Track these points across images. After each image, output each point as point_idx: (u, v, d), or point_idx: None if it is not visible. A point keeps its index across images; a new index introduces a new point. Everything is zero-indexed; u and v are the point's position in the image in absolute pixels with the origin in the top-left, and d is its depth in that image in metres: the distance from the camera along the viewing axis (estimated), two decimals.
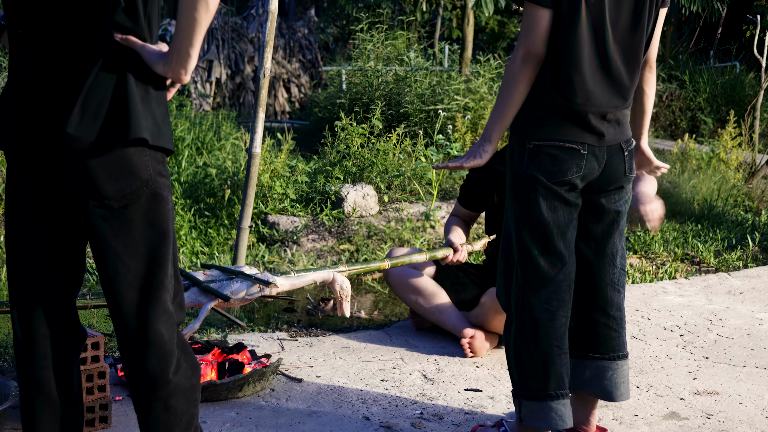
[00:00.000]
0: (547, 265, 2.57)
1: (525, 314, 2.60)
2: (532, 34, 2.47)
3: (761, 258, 5.95)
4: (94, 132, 1.93)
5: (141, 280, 2.02)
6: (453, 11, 14.53)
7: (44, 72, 1.95)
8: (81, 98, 1.92)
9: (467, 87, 8.17)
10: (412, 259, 3.68)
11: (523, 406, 2.63)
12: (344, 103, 8.18)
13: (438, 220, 5.94)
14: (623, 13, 2.52)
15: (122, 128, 1.94)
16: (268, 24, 4.06)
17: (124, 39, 1.96)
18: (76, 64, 1.94)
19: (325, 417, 3.01)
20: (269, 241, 5.51)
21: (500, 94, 2.53)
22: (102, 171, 1.94)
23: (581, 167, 2.53)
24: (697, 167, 7.79)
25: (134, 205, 1.99)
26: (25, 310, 2.09)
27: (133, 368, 2.08)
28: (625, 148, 2.62)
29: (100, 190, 1.95)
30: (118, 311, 2.05)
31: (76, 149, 1.93)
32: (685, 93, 11.54)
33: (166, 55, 1.98)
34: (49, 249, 2.07)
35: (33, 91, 1.96)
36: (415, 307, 3.89)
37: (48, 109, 1.94)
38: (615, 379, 2.75)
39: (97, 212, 1.97)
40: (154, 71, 1.99)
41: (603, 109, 2.53)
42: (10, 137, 2.00)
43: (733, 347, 3.89)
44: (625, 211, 2.69)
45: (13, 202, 2.06)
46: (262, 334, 3.91)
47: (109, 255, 2.00)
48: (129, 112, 1.95)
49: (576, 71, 2.48)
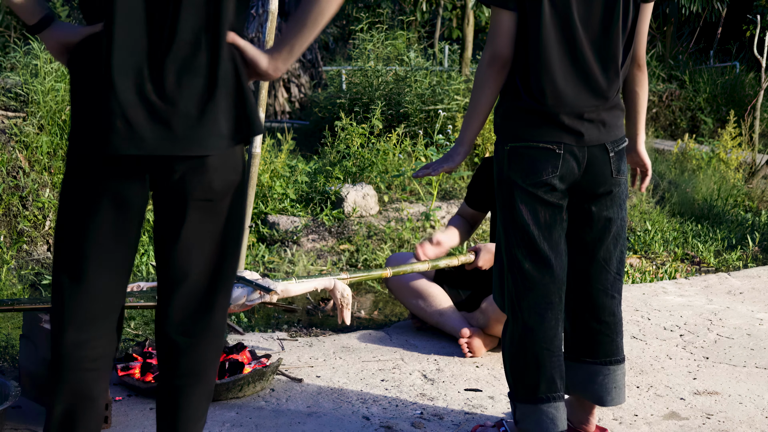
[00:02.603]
0: (532, 268, 2.56)
1: (516, 317, 2.60)
2: (497, 37, 2.49)
3: (761, 258, 5.95)
4: (229, 129, 1.94)
5: (217, 268, 2.04)
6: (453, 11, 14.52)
7: (167, 74, 1.89)
8: (216, 95, 1.91)
9: (467, 87, 8.16)
10: (414, 268, 3.67)
11: (518, 409, 2.64)
12: (344, 103, 8.17)
13: (438, 220, 5.93)
14: (594, 10, 2.49)
15: (247, 125, 1.97)
16: (268, 24, 4.06)
17: (233, 38, 1.97)
18: (201, 63, 1.92)
19: (325, 417, 3.01)
20: (269, 241, 5.50)
21: (470, 98, 2.57)
22: (217, 168, 1.96)
23: (557, 167, 2.51)
24: (697, 167, 7.79)
25: (229, 197, 2.02)
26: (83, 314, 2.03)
27: (193, 352, 2.08)
28: (611, 148, 2.57)
29: (211, 186, 1.96)
30: (188, 299, 2.04)
31: (213, 148, 1.92)
32: (685, 93, 11.54)
33: (274, 51, 1.99)
34: (114, 253, 2.01)
35: (156, 94, 1.89)
36: (416, 311, 3.89)
37: (179, 111, 1.90)
38: (606, 384, 2.74)
39: (196, 204, 1.98)
40: (253, 68, 2.00)
41: (578, 109, 2.51)
42: (118, 141, 1.88)
43: (733, 347, 3.89)
44: (617, 216, 2.64)
45: (83, 207, 1.98)
46: (262, 334, 3.91)
47: (193, 244, 2.01)
48: (250, 110, 1.97)
49: (544, 72, 2.47)
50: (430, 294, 3.85)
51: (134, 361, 3.19)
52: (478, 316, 3.73)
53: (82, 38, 1.93)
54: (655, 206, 6.91)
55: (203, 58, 1.91)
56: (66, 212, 1.99)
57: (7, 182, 5.03)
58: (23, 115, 5.52)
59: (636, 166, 2.85)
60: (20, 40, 8.35)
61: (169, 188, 1.98)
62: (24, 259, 4.82)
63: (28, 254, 4.87)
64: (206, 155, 1.93)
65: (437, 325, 3.84)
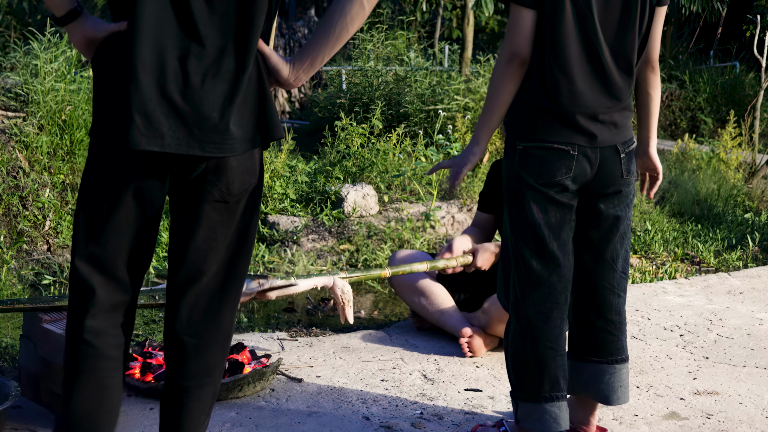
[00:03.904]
0: (539, 267, 2.56)
1: (520, 316, 2.60)
2: (516, 35, 2.46)
3: (761, 258, 5.95)
4: (250, 132, 1.95)
5: (229, 269, 2.06)
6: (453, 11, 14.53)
7: (192, 76, 1.91)
8: (237, 100, 1.92)
9: (467, 87, 8.17)
10: (413, 268, 3.66)
11: (520, 408, 2.63)
12: (344, 103, 8.17)
13: (438, 220, 5.93)
14: (612, 11, 2.49)
15: (267, 130, 1.98)
16: None
17: (260, 45, 1.99)
18: (227, 68, 1.93)
19: (325, 417, 3.01)
20: (269, 241, 5.51)
21: (487, 96, 2.54)
22: (236, 169, 1.97)
23: (571, 168, 2.51)
24: (697, 167, 7.78)
25: (244, 199, 2.03)
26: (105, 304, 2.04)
27: (202, 353, 2.08)
28: (622, 149, 2.58)
29: (229, 188, 1.98)
30: (199, 298, 2.05)
31: (234, 150, 1.93)
32: (685, 93, 11.54)
33: (296, 61, 2.01)
34: (134, 247, 2.03)
35: (179, 94, 1.90)
36: (417, 308, 3.88)
37: (200, 113, 1.91)
38: (612, 383, 2.74)
39: (213, 205, 1.99)
40: (274, 76, 2.02)
41: (593, 109, 2.51)
42: (139, 137, 1.88)
43: (733, 347, 3.89)
44: (625, 215, 2.65)
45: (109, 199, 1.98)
46: (262, 334, 3.91)
47: (208, 245, 2.02)
48: (270, 115, 1.98)
49: (562, 72, 2.47)
50: (432, 292, 3.84)
51: (134, 361, 3.19)
52: (480, 315, 3.73)
53: (108, 34, 1.94)
54: (655, 206, 6.91)
55: (230, 63, 1.93)
56: (86, 203, 2.00)
57: (7, 182, 5.03)
58: (23, 115, 5.52)
59: (647, 171, 2.81)
60: (20, 40, 8.35)
61: (187, 188, 2.00)
62: (24, 259, 4.82)
63: (28, 254, 4.87)
64: (225, 157, 1.94)
65: (438, 323, 3.83)
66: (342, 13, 1.96)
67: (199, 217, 2.00)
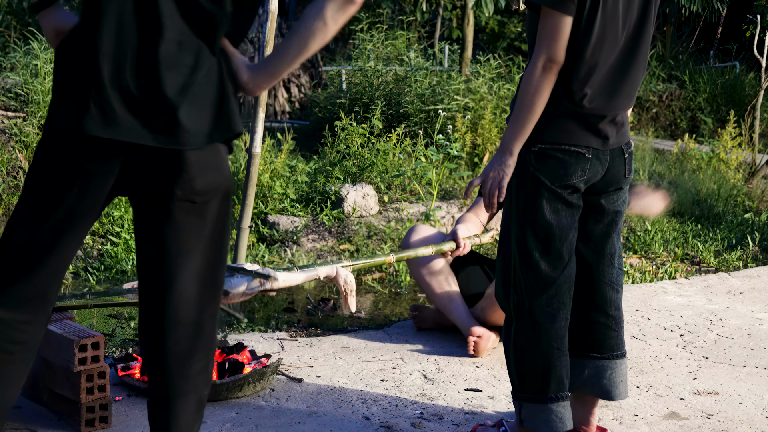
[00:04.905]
0: (548, 267, 2.57)
1: (525, 316, 2.60)
2: (554, 42, 2.43)
3: (761, 258, 5.95)
4: (206, 126, 1.94)
5: (204, 276, 2.02)
6: (453, 11, 14.53)
7: (150, 67, 1.91)
8: (190, 93, 1.92)
9: (467, 87, 8.17)
10: (418, 253, 3.68)
11: (524, 408, 2.63)
12: (344, 103, 8.17)
13: (438, 220, 5.94)
14: (632, 16, 2.52)
15: (227, 123, 1.97)
16: (268, 24, 4.06)
17: (224, 44, 1.98)
18: (185, 63, 1.92)
19: (325, 417, 3.01)
20: (269, 241, 5.51)
21: (520, 104, 2.48)
22: (196, 165, 1.94)
23: (585, 171, 2.54)
24: (697, 167, 7.79)
25: (213, 201, 2.00)
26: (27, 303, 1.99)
27: (181, 362, 2.03)
28: (626, 150, 2.63)
29: (192, 185, 1.95)
30: (175, 307, 2.01)
31: (187, 142, 1.92)
32: (685, 93, 11.54)
33: (256, 68, 2.00)
34: (65, 241, 1.99)
35: (137, 81, 1.90)
36: (426, 288, 3.88)
37: (155, 103, 1.90)
38: (614, 378, 2.75)
39: (179, 206, 1.96)
40: (234, 79, 2.01)
41: (612, 112, 2.54)
42: (92, 123, 1.89)
43: (733, 347, 3.89)
44: (623, 210, 2.70)
45: (46, 191, 1.97)
46: (262, 334, 3.91)
47: (178, 248, 1.98)
48: (230, 108, 1.97)
49: (591, 75, 2.48)
50: (443, 276, 3.86)
51: (134, 361, 3.19)
52: (482, 304, 3.75)
53: (74, 25, 1.97)
54: None
55: (188, 58, 1.93)
56: (31, 185, 1.98)
57: (7, 182, 5.03)
58: (23, 115, 5.52)
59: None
60: (20, 40, 8.35)
61: (150, 187, 1.97)
62: None
63: None
64: (181, 149, 1.93)
65: (443, 309, 3.82)
66: (305, 28, 1.97)
67: (166, 218, 1.97)
